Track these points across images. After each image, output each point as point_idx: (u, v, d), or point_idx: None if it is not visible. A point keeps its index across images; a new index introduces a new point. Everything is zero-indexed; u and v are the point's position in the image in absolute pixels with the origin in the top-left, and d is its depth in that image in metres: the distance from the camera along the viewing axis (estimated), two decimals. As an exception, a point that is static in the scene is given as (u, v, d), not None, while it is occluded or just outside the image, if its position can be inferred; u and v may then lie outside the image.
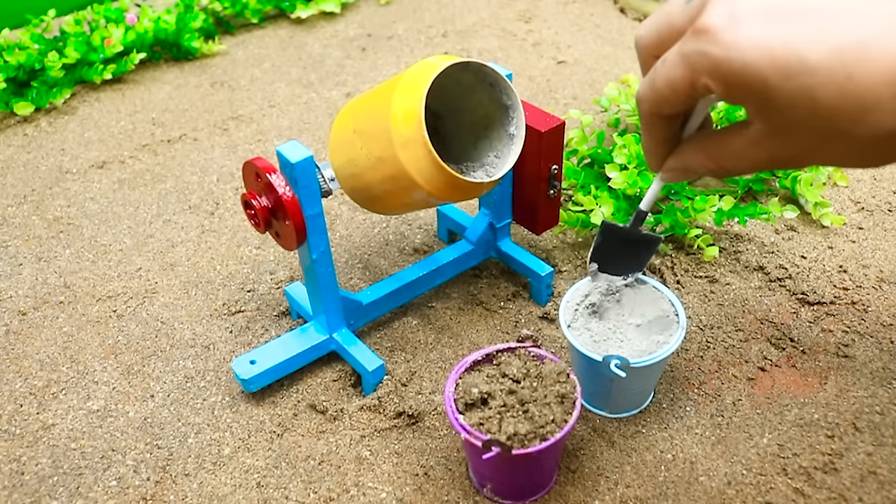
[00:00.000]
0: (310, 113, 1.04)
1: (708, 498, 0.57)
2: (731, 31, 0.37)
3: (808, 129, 0.38)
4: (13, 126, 1.04)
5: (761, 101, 0.38)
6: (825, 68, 0.36)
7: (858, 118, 0.36)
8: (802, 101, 0.37)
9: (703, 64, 0.39)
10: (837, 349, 0.67)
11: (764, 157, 0.41)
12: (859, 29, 0.36)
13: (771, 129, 0.40)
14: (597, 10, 1.27)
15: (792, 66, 0.36)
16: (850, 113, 0.36)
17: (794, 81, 0.36)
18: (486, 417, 0.52)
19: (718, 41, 0.38)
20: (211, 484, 0.60)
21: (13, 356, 0.71)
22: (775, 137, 0.40)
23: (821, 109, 0.37)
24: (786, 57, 0.36)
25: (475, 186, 0.58)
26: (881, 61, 0.35)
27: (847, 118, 0.36)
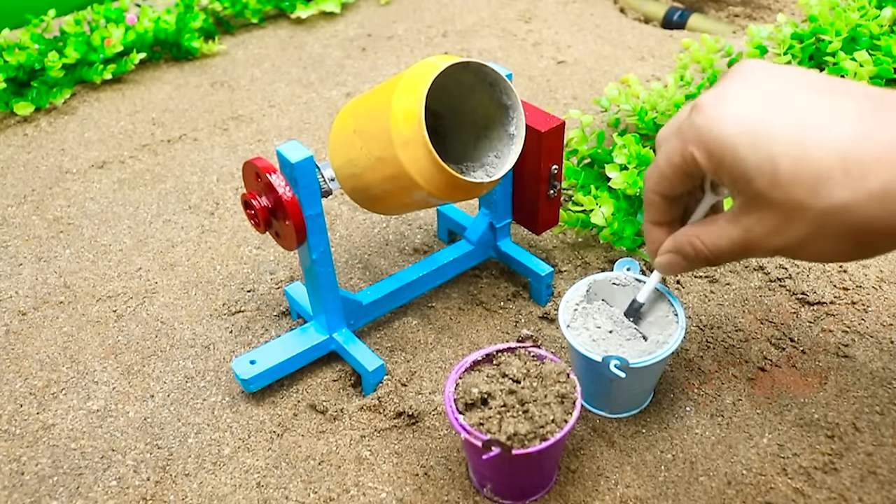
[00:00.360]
0: (310, 113, 1.04)
1: (708, 498, 0.57)
2: (715, 108, 0.43)
3: (771, 202, 0.42)
4: (13, 126, 1.04)
5: (733, 170, 0.43)
6: (786, 140, 0.41)
7: (812, 189, 0.40)
8: (766, 169, 0.41)
9: (690, 134, 0.44)
10: (837, 349, 0.67)
11: (738, 233, 0.45)
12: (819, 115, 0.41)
13: (744, 202, 0.44)
14: (597, 10, 1.27)
15: (758, 134, 0.42)
16: (805, 183, 0.40)
17: (759, 150, 0.41)
18: (486, 417, 0.52)
19: (704, 114, 0.44)
20: (211, 484, 0.60)
21: (13, 356, 0.71)
22: (747, 212, 0.44)
23: (781, 178, 0.41)
24: (755, 128, 0.42)
25: (475, 186, 0.58)
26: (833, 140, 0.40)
27: (803, 189, 0.40)
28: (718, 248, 0.47)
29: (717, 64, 0.98)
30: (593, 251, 0.79)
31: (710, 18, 1.24)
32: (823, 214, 0.41)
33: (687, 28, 1.23)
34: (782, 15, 0.98)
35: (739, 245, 0.46)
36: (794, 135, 0.41)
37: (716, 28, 1.20)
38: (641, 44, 1.16)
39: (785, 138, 0.41)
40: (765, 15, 1.24)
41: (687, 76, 0.95)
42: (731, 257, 0.47)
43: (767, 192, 0.42)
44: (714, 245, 0.48)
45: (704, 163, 0.44)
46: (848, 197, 0.40)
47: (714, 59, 0.96)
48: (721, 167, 0.43)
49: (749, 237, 0.45)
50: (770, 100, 0.43)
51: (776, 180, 0.41)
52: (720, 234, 0.47)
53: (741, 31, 1.19)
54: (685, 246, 0.50)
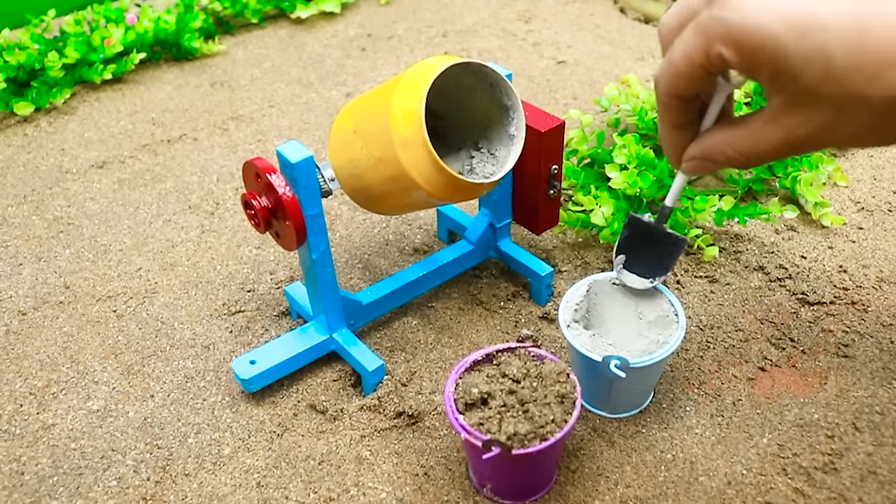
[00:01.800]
0: (310, 113, 1.04)
1: (708, 498, 0.57)
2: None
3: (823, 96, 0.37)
4: (13, 126, 1.04)
5: (775, 65, 0.37)
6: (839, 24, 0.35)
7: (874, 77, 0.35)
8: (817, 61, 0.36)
9: (716, 30, 0.38)
10: (837, 349, 0.67)
11: (780, 136, 0.40)
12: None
13: (786, 101, 0.39)
14: (597, 10, 1.27)
15: (805, 23, 0.36)
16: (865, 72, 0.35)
17: (807, 39, 0.36)
18: (486, 417, 0.52)
19: (731, 6, 0.38)
20: (211, 484, 0.60)
21: (13, 356, 0.71)
22: (791, 111, 0.39)
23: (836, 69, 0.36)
24: (799, 14, 0.36)
25: (475, 187, 0.58)
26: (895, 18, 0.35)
27: (863, 78, 0.36)
28: (757, 153, 0.43)
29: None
30: (593, 251, 0.79)
31: (710, 18, 1.24)
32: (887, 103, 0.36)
33: (687, 28, 1.23)
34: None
35: (782, 147, 0.41)
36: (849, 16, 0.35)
37: (716, 28, 1.20)
38: (641, 44, 1.16)
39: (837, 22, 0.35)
40: (765, 15, 1.24)
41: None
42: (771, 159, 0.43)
43: (818, 86, 0.37)
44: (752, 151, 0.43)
45: (736, 61, 0.39)
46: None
47: (714, 59, 0.95)
48: (759, 64, 0.38)
49: (794, 137, 0.40)
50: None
51: (829, 73, 0.36)
52: (757, 139, 0.42)
53: (741, 31, 1.19)
54: (715, 154, 0.45)
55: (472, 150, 0.63)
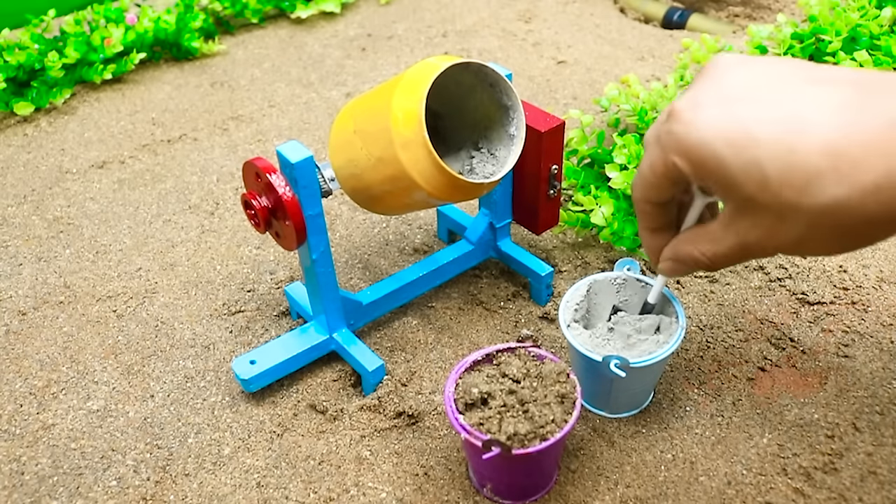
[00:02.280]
0: (310, 113, 1.04)
1: (708, 498, 0.57)
2: (692, 112, 0.42)
3: (763, 205, 0.41)
4: (13, 126, 1.04)
5: (718, 177, 0.41)
6: (770, 141, 0.39)
7: (802, 189, 0.39)
8: (753, 174, 0.40)
9: (670, 143, 0.43)
10: (837, 349, 0.67)
11: (734, 240, 0.44)
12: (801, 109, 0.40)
13: (735, 208, 0.43)
14: (597, 10, 1.27)
15: (741, 140, 0.40)
16: (795, 184, 0.39)
17: (743, 155, 0.40)
18: (486, 417, 0.52)
19: (681, 121, 0.42)
20: (211, 484, 0.60)
21: (13, 356, 0.71)
22: (740, 217, 0.43)
23: (770, 181, 0.39)
24: (736, 132, 0.40)
25: (475, 187, 0.58)
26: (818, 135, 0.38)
27: (793, 190, 0.39)
28: (717, 256, 0.46)
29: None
30: (593, 251, 0.79)
31: (710, 18, 1.24)
32: (818, 213, 0.39)
33: (687, 28, 1.23)
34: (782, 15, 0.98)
35: (737, 250, 0.45)
36: (778, 134, 0.39)
37: (716, 28, 1.20)
38: (641, 44, 1.16)
39: (768, 139, 0.39)
40: (765, 15, 1.24)
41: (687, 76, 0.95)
42: (731, 262, 0.47)
43: (757, 196, 0.41)
44: (713, 253, 0.47)
45: (688, 171, 0.43)
46: (841, 194, 0.38)
47: (714, 59, 0.95)
48: (706, 175, 0.42)
49: (745, 241, 0.44)
50: (747, 97, 0.41)
51: (765, 184, 0.40)
52: (716, 242, 0.46)
53: (741, 31, 1.19)
54: (685, 256, 0.49)
55: (472, 150, 0.63)
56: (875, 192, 0.38)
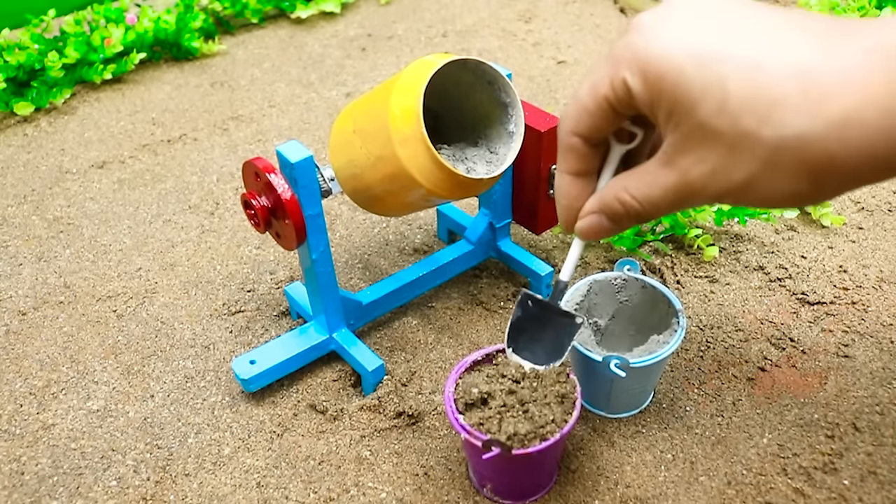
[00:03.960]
0: (310, 113, 1.04)
1: (708, 498, 0.57)
2: (656, 25, 0.38)
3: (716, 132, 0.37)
4: (13, 126, 1.04)
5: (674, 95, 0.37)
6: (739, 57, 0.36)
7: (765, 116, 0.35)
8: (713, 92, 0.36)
9: (625, 55, 0.38)
10: (837, 349, 0.67)
11: (673, 178, 0.39)
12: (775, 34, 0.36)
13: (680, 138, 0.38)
14: (597, 10, 1.27)
15: (708, 55, 0.36)
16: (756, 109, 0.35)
17: (707, 69, 0.36)
18: (486, 417, 0.52)
19: (643, 33, 0.38)
20: (211, 484, 0.60)
21: (13, 356, 0.71)
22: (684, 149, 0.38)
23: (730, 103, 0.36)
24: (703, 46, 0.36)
25: (474, 183, 0.58)
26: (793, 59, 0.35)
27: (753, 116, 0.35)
28: (650, 199, 0.41)
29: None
30: (593, 251, 0.79)
31: (710, 18, 1.24)
32: (776, 146, 0.35)
33: (687, 28, 1.23)
34: (782, 15, 0.98)
35: (676, 192, 0.40)
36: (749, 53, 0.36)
37: (716, 28, 1.20)
38: (641, 44, 1.16)
39: (738, 57, 0.36)
40: (765, 15, 1.24)
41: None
42: (666, 209, 0.41)
43: (712, 120, 0.36)
44: (645, 196, 0.41)
45: (639, 88, 0.38)
46: (804, 125, 0.34)
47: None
48: (659, 93, 0.38)
49: (687, 180, 0.39)
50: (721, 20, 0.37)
51: (724, 106, 0.36)
52: (651, 182, 0.40)
53: (741, 31, 1.19)
54: (612, 202, 0.43)
55: (472, 147, 0.63)
56: (841, 125, 0.34)
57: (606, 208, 0.43)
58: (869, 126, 0.34)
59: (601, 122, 0.41)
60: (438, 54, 0.58)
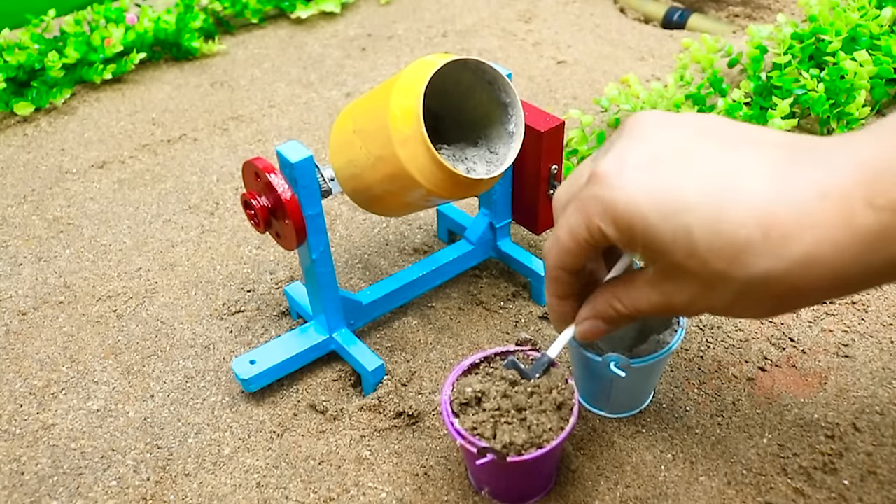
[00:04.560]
0: (310, 113, 1.04)
1: (708, 498, 0.57)
2: (618, 176, 0.40)
3: (690, 272, 0.39)
4: (13, 126, 1.04)
5: (645, 241, 0.40)
6: (700, 206, 0.38)
7: (732, 259, 0.38)
8: (681, 241, 0.39)
9: (594, 206, 0.41)
10: (837, 349, 0.67)
11: (659, 300, 0.43)
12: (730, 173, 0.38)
13: (661, 271, 0.42)
14: (597, 10, 1.27)
15: (670, 205, 0.39)
16: (724, 254, 0.38)
17: (672, 220, 0.39)
18: (479, 422, 0.51)
19: (607, 184, 0.41)
20: (211, 484, 0.60)
21: (13, 356, 0.71)
22: (666, 280, 0.42)
23: (698, 249, 0.38)
24: (664, 195, 0.39)
25: (474, 183, 0.58)
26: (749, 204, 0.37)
27: (722, 259, 0.38)
28: (639, 309, 0.45)
29: (717, 64, 0.98)
30: (593, 251, 0.79)
31: (710, 18, 1.24)
32: (746, 283, 0.38)
33: (687, 28, 1.23)
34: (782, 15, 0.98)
35: (662, 308, 0.44)
36: (708, 199, 0.38)
37: (716, 28, 1.20)
38: (641, 44, 1.16)
39: (698, 204, 0.38)
40: (765, 15, 1.24)
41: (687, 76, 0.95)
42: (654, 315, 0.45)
43: (685, 262, 0.39)
44: (634, 307, 0.45)
45: (613, 234, 0.41)
46: (771, 265, 0.37)
47: (714, 59, 0.96)
48: (633, 240, 0.41)
49: (670, 302, 0.42)
50: (675, 159, 0.40)
51: (693, 251, 0.38)
52: (639, 297, 0.44)
53: (741, 31, 1.19)
54: (607, 310, 0.47)
55: (472, 147, 0.63)
56: (804, 263, 0.37)
57: (601, 315, 0.48)
58: (828, 262, 0.37)
59: (582, 258, 0.45)
60: (438, 54, 0.58)
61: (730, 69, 1.03)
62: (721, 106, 0.87)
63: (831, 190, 0.36)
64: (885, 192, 0.35)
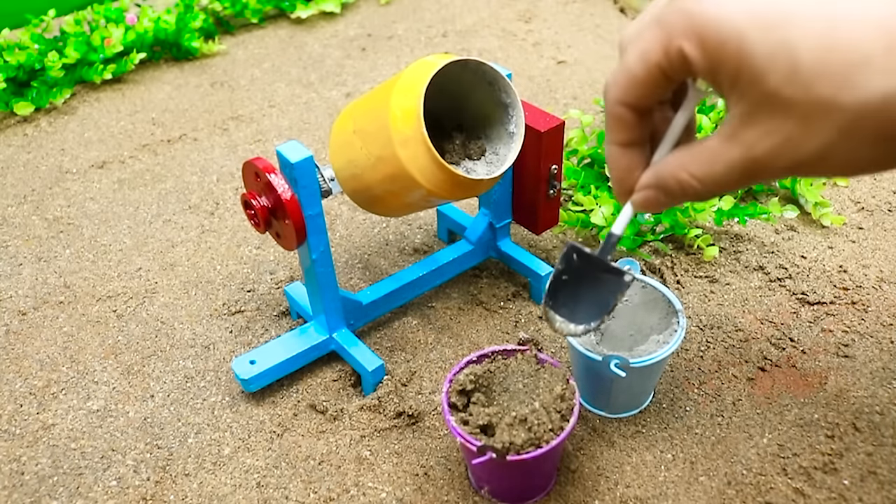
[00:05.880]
0: (310, 113, 1.04)
1: (708, 498, 0.57)
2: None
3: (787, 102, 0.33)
4: (13, 126, 1.04)
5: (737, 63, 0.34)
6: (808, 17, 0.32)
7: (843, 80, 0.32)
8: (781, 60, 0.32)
9: (678, 23, 0.35)
10: (837, 349, 0.67)
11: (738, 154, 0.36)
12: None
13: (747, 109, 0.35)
14: (597, 10, 1.27)
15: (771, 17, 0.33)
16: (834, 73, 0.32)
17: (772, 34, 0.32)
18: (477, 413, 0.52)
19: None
20: (211, 484, 0.60)
21: (13, 356, 0.71)
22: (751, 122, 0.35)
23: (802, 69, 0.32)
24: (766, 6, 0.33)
25: (475, 184, 0.58)
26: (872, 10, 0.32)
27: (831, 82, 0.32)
28: (713, 178, 0.38)
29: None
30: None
31: (710, 18, 1.24)
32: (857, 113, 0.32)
33: (687, 28, 1.23)
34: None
35: (742, 168, 0.36)
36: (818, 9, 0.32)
37: (716, 28, 1.20)
38: (641, 44, 1.16)
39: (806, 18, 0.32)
40: (765, 15, 1.24)
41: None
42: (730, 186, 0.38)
43: (782, 89, 0.33)
44: (707, 175, 0.38)
45: (697, 57, 0.35)
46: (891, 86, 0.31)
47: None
48: (721, 62, 0.34)
49: (754, 155, 0.35)
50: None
51: (795, 73, 0.32)
52: (713, 159, 0.37)
53: (741, 31, 1.19)
54: (669, 181, 0.40)
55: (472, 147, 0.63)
56: None
57: (664, 185, 0.40)
58: None
59: (652, 90, 0.38)
60: (439, 55, 0.58)
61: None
62: (721, 105, 0.87)
63: None
64: None
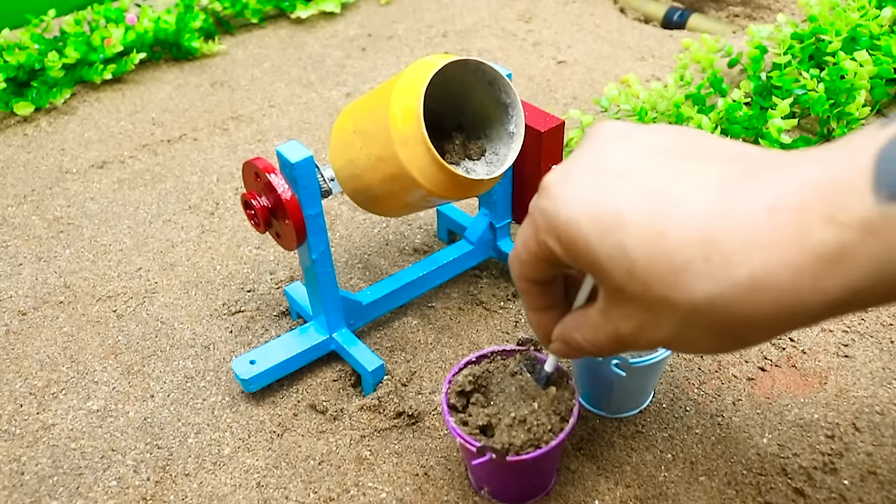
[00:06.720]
0: (310, 113, 1.04)
1: (708, 498, 0.57)
2: (561, 187, 0.37)
3: (632, 296, 0.36)
4: (13, 126, 1.04)
5: (588, 260, 0.37)
6: (638, 224, 0.34)
7: (673, 282, 0.34)
8: (619, 261, 0.35)
9: (541, 222, 0.38)
10: (837, 349, 0.67)
11: (610, 329, 0.39)
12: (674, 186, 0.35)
13: (607, 295, 0.38)
14: (597, 10, 1.27)
15: (607, 222, 0.35)
16: (664, 276, 0.34)
17: (609, 238, 0.35)
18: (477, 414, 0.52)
19: (550, 196, 0.38)
20: (211, 484, 0.60)
21: (13, 356, 0.71)
22: (613, 306, 0.38)
23: (636, 271, 0.35)
24: (603, 211, 0.35)
25: (475, 184, 0.58)
26: (690, 220, 0.33)
27: (662, 282, 0.34)
28: (598, 344, 0.41)
29: (717, 64, 0.98)
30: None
31: (710, 18, 1.24)
32: (688, 310, 0.34)
33: (687, 28, 1.23)
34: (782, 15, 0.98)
35: (616, 341, 0.39)
36: (646, 215, 0.34)
37: (716, 28, 1.20)
38: (641, 44, 1.16)
39: (636, 221, 0.34)
40: (765, 15, 1.24)
41: (687, 76, 0.95)
42: (613, 352, 0.41)
43: (626, 286, 0.36)
44: (594, 340, 0.41)
45: (560, 252, 0.38)
46: (712, 289, 0.33)
47: (714, 59, 0.96)
48: (577, 259, 0.37)
49: (619, 333, 0.39)
50: (621, 171, 0.36)
51: (632, 273, 0.35)
52: (595, 329, 0.41)
53: (741, 31, 1.19)
54: (569, 339, 0.44)
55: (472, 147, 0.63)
56: (752, 288, 0.32)
57: (567, 341, 0.44)
58: (780, 286, 0.32)
59: (541, 272, 0.42)
60: (439, 55, 0.58)
61: (730, 69, 1.03)
62: (721, 106, 0.87)
63: (783, 204, 0.32)
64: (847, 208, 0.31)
